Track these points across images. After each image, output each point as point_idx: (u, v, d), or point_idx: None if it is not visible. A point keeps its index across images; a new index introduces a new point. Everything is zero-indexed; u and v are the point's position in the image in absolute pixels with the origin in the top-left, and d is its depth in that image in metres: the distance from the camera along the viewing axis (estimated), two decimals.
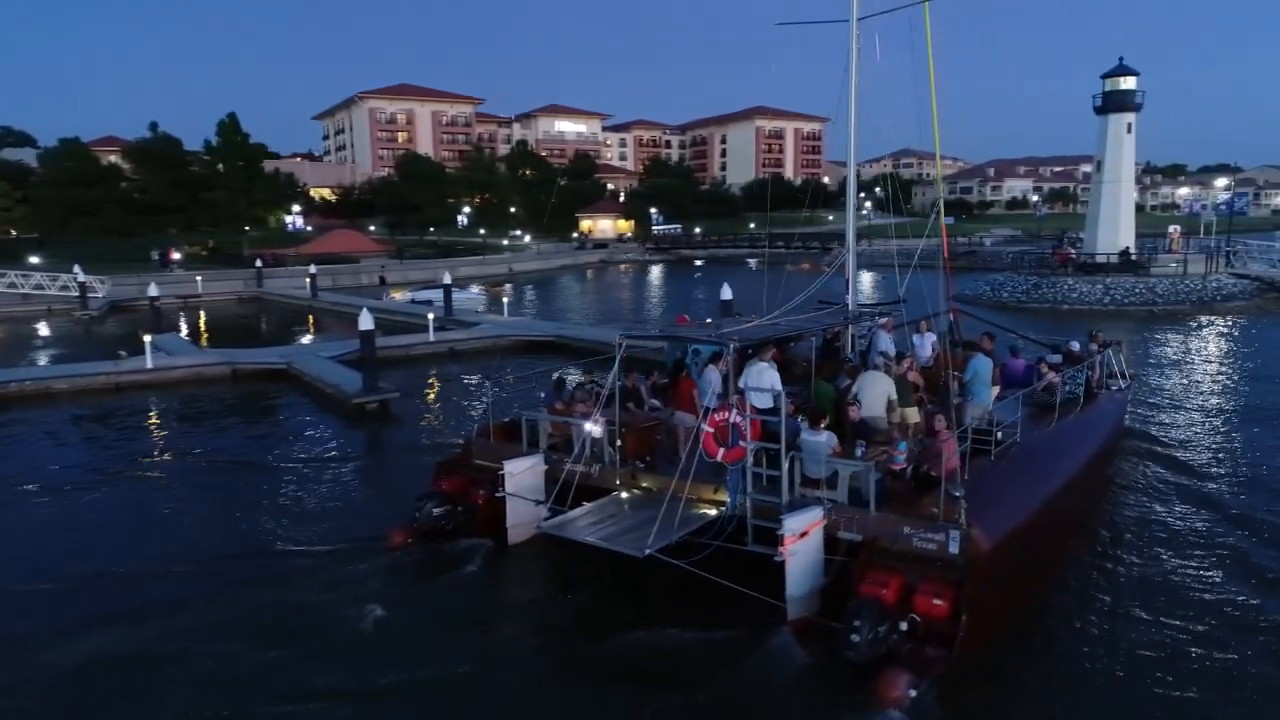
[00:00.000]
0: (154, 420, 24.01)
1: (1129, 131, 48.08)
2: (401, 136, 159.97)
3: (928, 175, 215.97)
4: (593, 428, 13.01)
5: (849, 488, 11.29)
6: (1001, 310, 41.44)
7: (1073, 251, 52.28)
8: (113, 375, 27.47)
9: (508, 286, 71.93)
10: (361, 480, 18.27)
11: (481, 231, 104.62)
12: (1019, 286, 49.03)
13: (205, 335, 44.67)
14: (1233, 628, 11.21)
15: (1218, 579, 12.70)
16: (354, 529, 14.93)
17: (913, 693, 9.23)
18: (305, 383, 27.21)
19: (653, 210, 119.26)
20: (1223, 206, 60.15)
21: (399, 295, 51.24)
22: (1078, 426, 15.39)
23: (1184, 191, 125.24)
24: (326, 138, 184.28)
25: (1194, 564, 13.23)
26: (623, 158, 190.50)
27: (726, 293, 29.91)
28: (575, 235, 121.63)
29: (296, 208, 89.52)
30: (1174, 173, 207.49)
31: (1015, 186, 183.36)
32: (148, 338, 29.11)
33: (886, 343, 16.75)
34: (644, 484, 12.99)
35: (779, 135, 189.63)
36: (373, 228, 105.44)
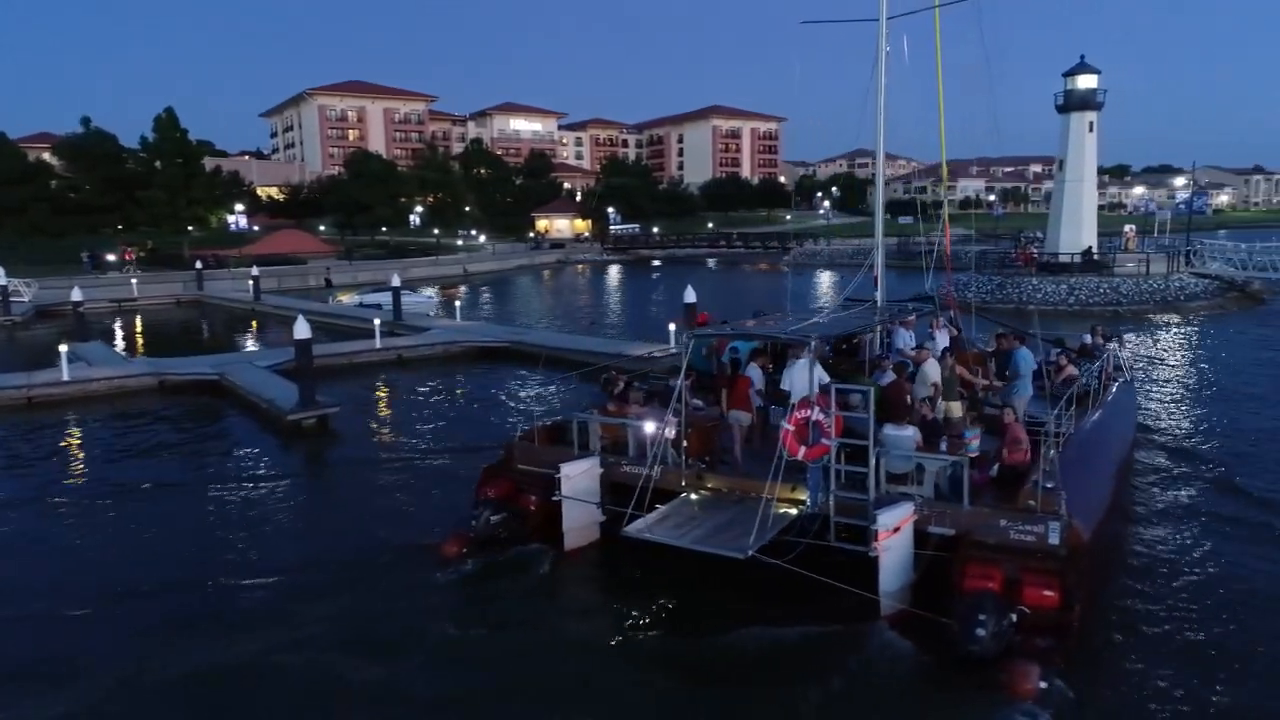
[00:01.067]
0: (66, 440, 21.81)
1: (1090, 130, 47.70)
2: (352, 134, 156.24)
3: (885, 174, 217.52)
4: (651, 429, 12.77)
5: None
6: (966, 310, 40.54)
7: (1035, 251, 51.83)
8: (23, 389, 25.09)
9: (462, 288, 69.83)
10: (291, 509, 16.43)
11: (435, 232, 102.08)
12: (984, 287, 48.31)
13: (139, 342, 42.11)
14: None
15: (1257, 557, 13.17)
16: (263, 564, 13.34)
17: (1043, 684, 9.17)
18: (239, 396, 25.16)
19: (610, 210, 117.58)
20: (1182, 206, 60.43)
21: (346, 298, 48.93)
22: (1112, 417, 15.64)
23: (1138, 191, 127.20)
24: (274, 136, 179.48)
25: (1240, 545, 13.72)
26: (579, 157, 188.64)
27: (690, 295, 28.47)
28: (531, 235, 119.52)
29: (240, 207, 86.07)
30: (1119, 173, 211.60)
31: (968, 186, 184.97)
32: (63, 347, 26.79)
33: (906, 339, 16.63)
34: (709, 484, 12.77)
35: (736, 135, 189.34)
36: (322, 228, 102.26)
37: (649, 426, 12.92)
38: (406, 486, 17.53)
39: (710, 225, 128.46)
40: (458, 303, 42.82)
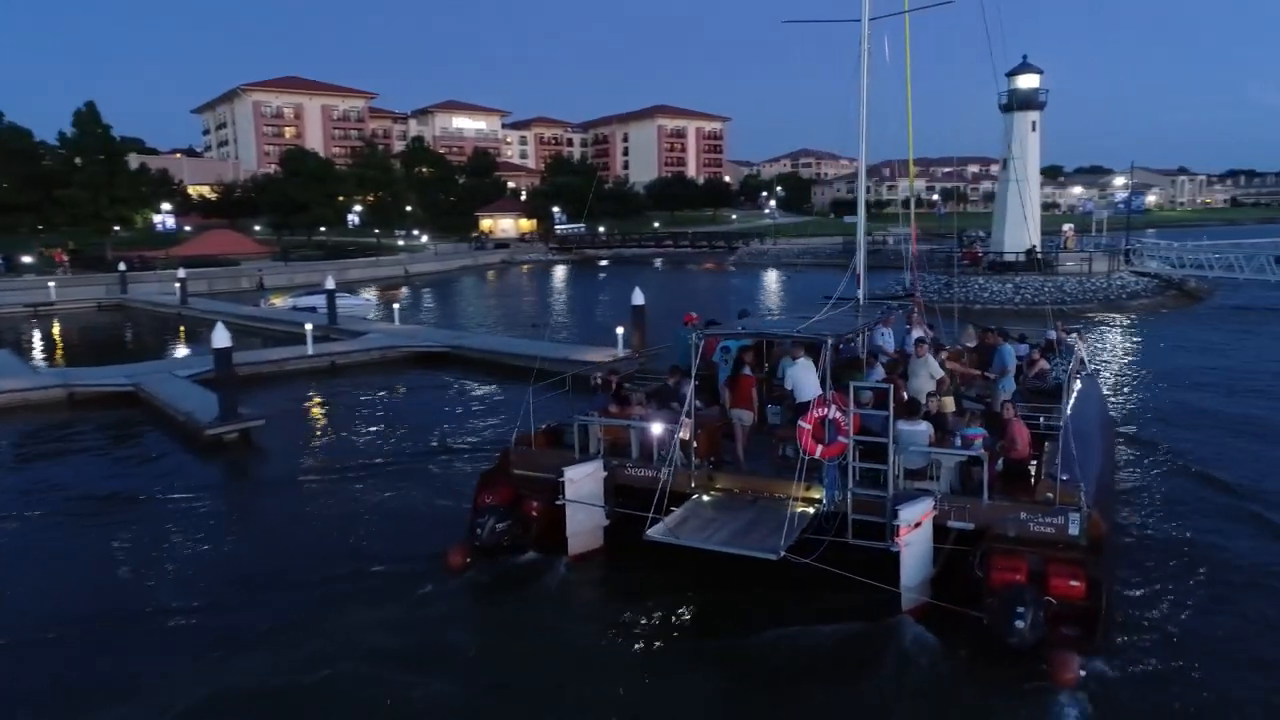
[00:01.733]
0: None
1: (1034, 130, 48.05)
2: (289, 132, 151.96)
3: (825, 175, 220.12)
4: (659, 430, 12.66)
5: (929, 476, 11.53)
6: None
7: (981, 250, 52.06)
8: None
9: (404, 290, 67.94)
10: (207, 536, 14.98)
11: (376, 232, 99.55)
12: (930, 286, 48.19)
13: (55, 350, 39.63)
14: None
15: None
16: (176, 596, 11.93)
17: (1083, 673, 9.37)
18: (156, 408, 23.43)
19: (555, 209, 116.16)
20: (1121, 205, 61.43)
21: (279, 301, 46.94)
22: (1091, 409, 15.75)
23: (1077, 191, 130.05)
24: (207, 132, 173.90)
25: (1222, 526, 14.22)
26: (524, 156, 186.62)
27: (638, 298, 27.49)
28: (475, 235, 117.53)
29: (167, 206, 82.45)
30: (1053, 174, 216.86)
31: (908, 186, 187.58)
32: None
33: (885, 337, 16.60)
34: (719, 485, 12.65)
35: (681, 134, 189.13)
36: (258, 228, 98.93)
37: (656, 428, 12.75)
38: (334, 504, 16.21)
39: (656, 225, 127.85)
40: (396, 306, 41.13)
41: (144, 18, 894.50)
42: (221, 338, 19.98)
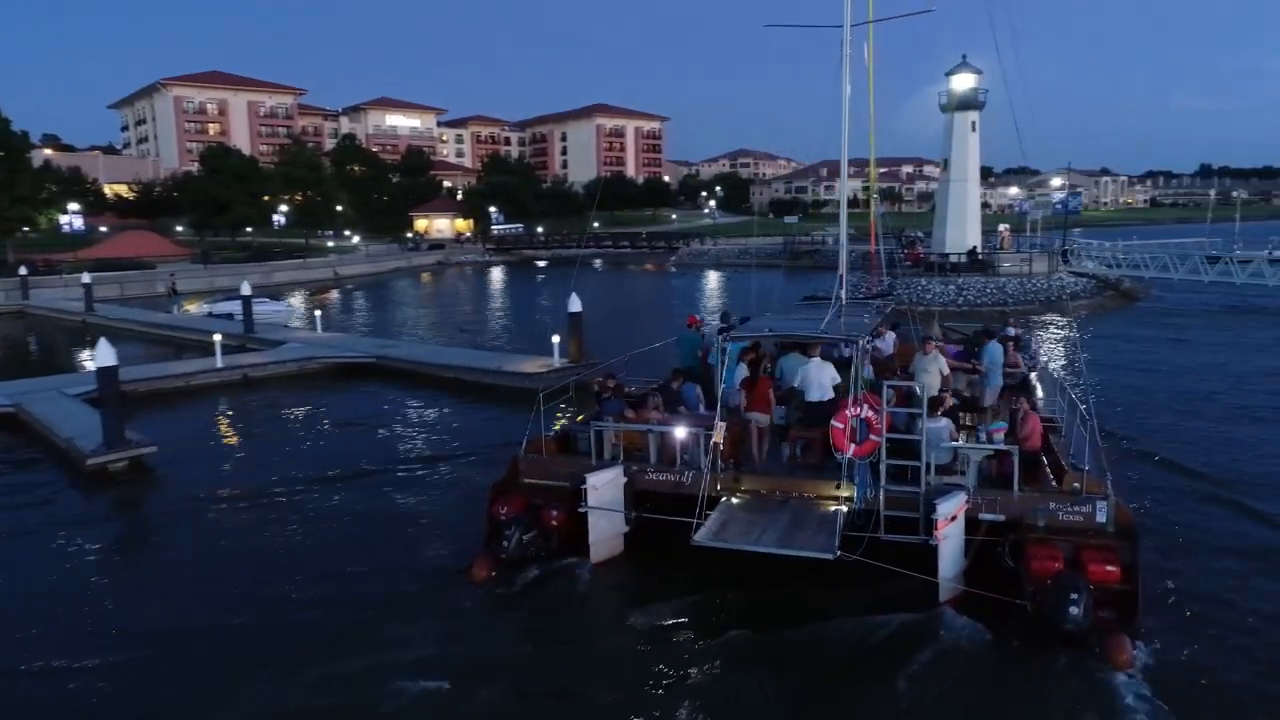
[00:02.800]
0: None
1: (973, 130, 47.83)
2: (213, 129, 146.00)
3: (763, 175, 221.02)
4: (683, 434, 12.67)
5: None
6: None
7: (923, 251, 51.71)
8: None
9: (334, 293, 65.21)
10: (76, 585, 12.98)
11: (306, 232, 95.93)
12: (871, 289, 47.76)
13: None
14: None
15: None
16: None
17: (1136, 654, 9.77)
18: (37, 433, 21.07)
19: (492, 209, 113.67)
20: (1058, 206, 61.92)
21: (193, 307, 44.10)
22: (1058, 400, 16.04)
23: (1014, 191, 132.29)
24: (126, 129, 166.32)
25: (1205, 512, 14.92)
26: (460, 154, 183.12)
27: (575, 304, 25.92)
28: (410, 235, 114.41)
29: (74, 206, 77.77)
30: (983, 174, 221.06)
31: (848, 186, 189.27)
32: None
33: (885, 339, 17.00)
34: (744, 487, 12.63)
35: (620, 134, 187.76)
36: (180, 229, 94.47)
37: (680, 432, 12.71)
38: (235, 542, 14.33)
39: (595, 225, 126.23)
40: (318, 312, 38.78)
41: (60, 8, 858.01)
42: (106, 354, 17.81)
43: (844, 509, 11.74)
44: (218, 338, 28.10)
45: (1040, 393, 16.49)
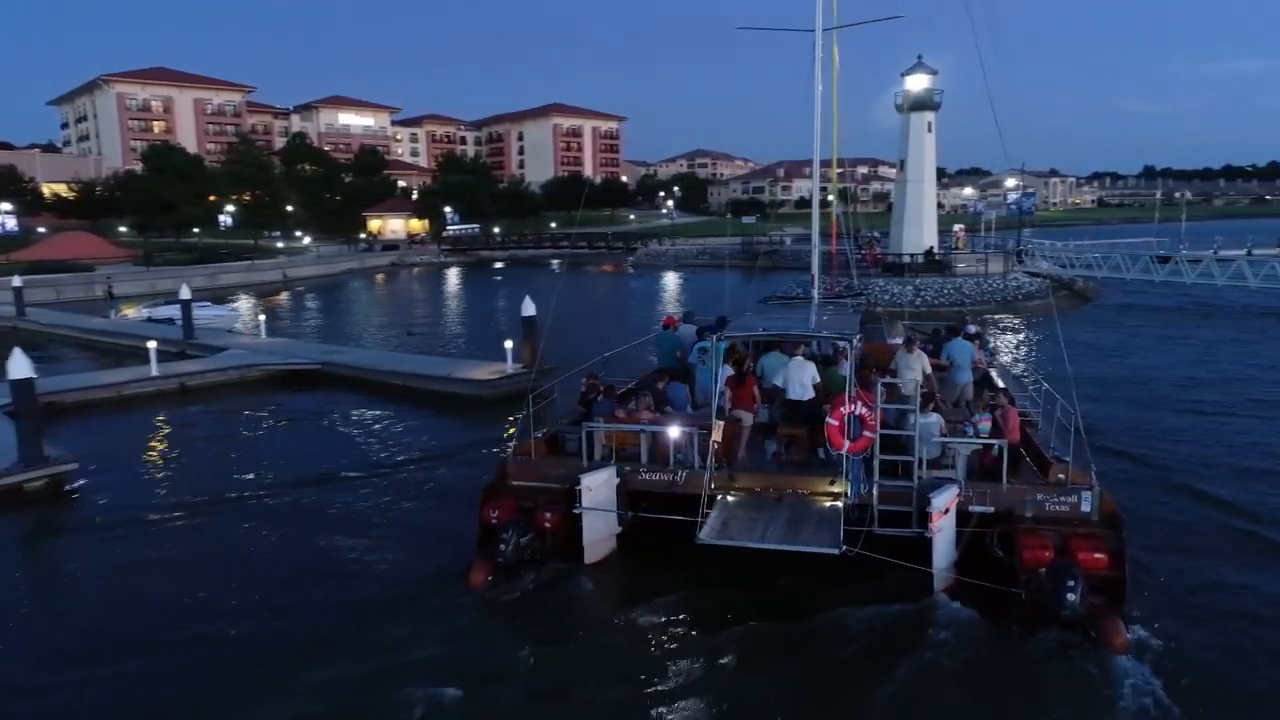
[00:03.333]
0: None
1: (929, 130, 47.88)
2: (158, 126, 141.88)
3: (721, 175, 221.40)
4: (678, 433, 12.81)
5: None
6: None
7: (880, 251, 51.67)
8: None
9: (284, 296, 63.44)
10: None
11: (258, 233, 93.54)
12: (832, 288, 47.58)
13: None
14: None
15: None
16: None
17: (1130, 636, 10.15)
18: None
19: (448, 209, 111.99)
20: (1013, 206, 62.45)
21: (131, 312, 42.30)
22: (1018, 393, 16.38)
23: (968, 192, 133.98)
24: (66, 126, 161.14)
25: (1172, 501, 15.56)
26: (415, 154, 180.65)
27: (529, 307, 25.10)
28: (363, 236, 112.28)
29: (7, 206, 74.69)
30: (937, 175, 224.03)
31: (803, 186, 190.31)
32: None
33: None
34: (738, 485, 12.68)
35: (577, 133, 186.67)
36: (123, 229, 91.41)
37: (674, 431, 12.78)
38: (163, 569, 13.34)
39: (553, 225, 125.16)
40: (262, 317, 37.34)
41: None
42: (20, 366, 16.59)
43: (839, 504, 11.94)
44: (152, 344, 26.74)
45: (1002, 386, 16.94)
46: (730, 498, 12.40)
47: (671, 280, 73.32)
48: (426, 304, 58.38)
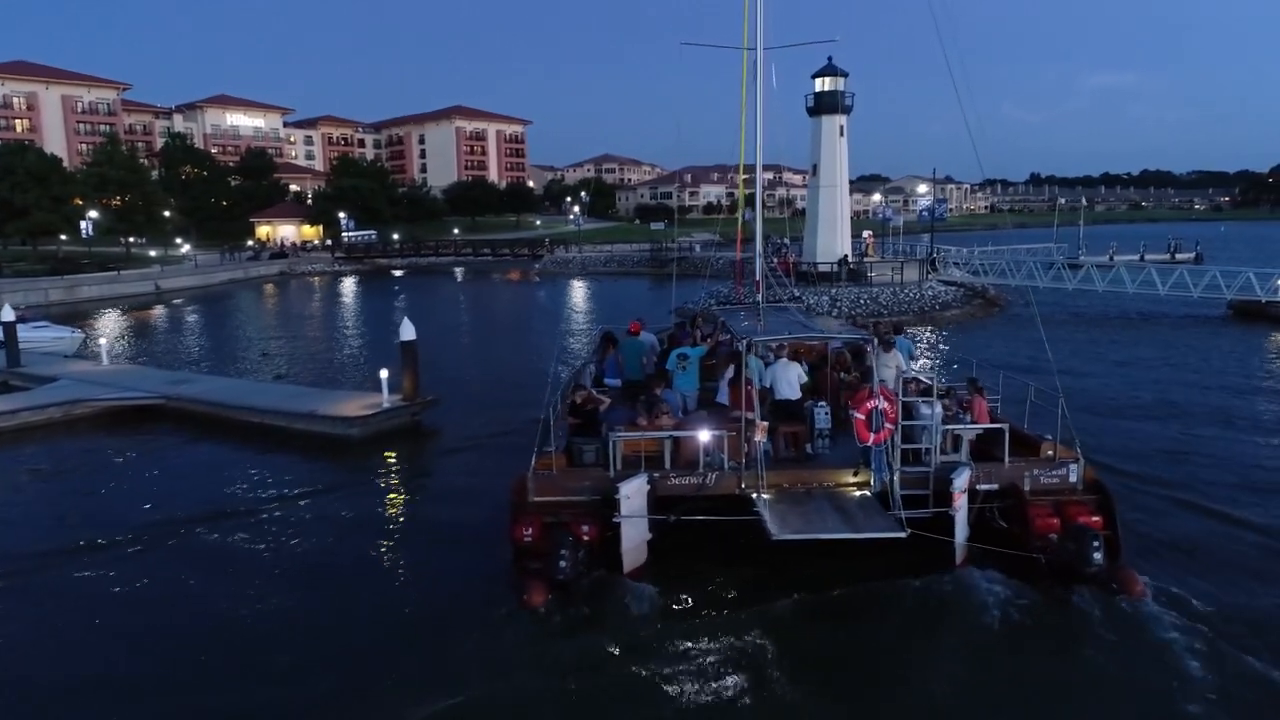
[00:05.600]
0: None
1: (841, 134, 46.31)
2: (20, 125, 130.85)
3: (629, 180, 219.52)
4: (707, 437, 13.12)
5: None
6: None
7: (794, 259, 49.73)
8: None
9: (158, 310, 57.75)
10: None
11: (130, 241, 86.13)
12: (745, 299, 45.45)
13: None
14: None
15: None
16: None
17: (1146, 583, 11.69)
18: None
19: (342, 215, 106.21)
20: (924, 213, 61.77)
21: None
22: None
23: (876, 198, 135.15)
24: None
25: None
26: (310, 157, 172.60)
27: (408, 330, 21.59)
28: (250, 243, 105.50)
29: None
30: None
31: (710, 192, 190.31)
32: None
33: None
34: (769, 483, 12.92)
35: (480, 136, 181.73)
36: None
37: (704, 435, 13.07)
38: None
39: (456, 231, 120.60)
40: (103, 340, 32.47)
41: None
42: None
43: (868, 493, 12.80)
44: None
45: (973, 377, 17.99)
46: (766, 495, 12.62)
47: (579, 289, 70.34)
48: (310, 318, 53.53)
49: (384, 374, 21.62)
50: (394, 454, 19.68)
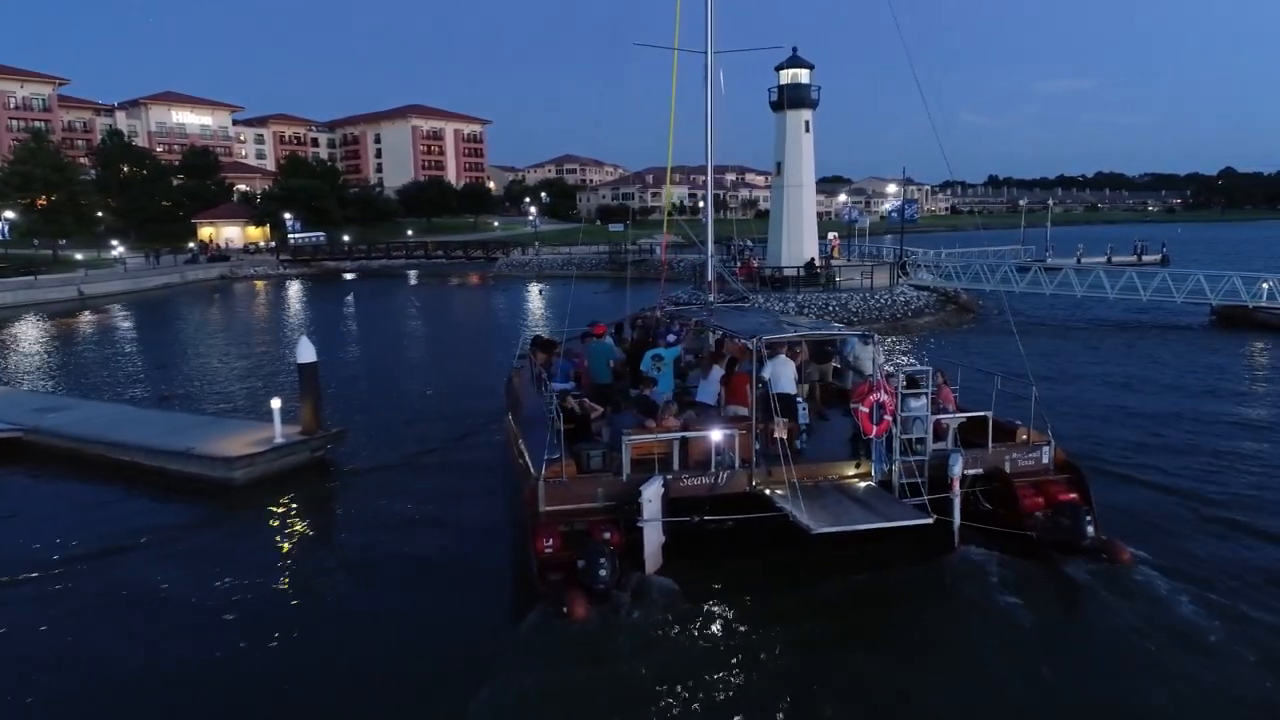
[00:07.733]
0: None
1: (807, 130, 43.66)
2: None
3: (590, 181, 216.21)
4: (720, 437, 13.05)
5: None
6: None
7: (757, 263, 46.99)
8: None
9: (84, 317, 53.57)
10: None
11: (62, 242, 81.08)
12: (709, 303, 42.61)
13: None
14: None
15: None
16: None
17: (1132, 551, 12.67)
18: None
19: (288, 216, 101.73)
20: (894, 215, 59.52)
21: None
22: None
23: (841, 199, 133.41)
24: None
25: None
26: (261, 156, 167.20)
27: (306, 352, 18.27)
28: (192, 246, 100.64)
29: None
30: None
31: (675, 193, 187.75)
32: None
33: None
34: (775, 479, 13.03)
35: (438, 136, 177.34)
36: None
37: (716, 435, 13.05)
38: None
39: (410, 233, 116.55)
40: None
41: None
42: None
43: (872, 483, 13.18)
44: None
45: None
46: (780, 491, 12.65)
47: (536, 293, 67.08)
48: (238, 326, 49.60)
49: (276, 404, 18.24)
50: (282, 505, 16.26)
